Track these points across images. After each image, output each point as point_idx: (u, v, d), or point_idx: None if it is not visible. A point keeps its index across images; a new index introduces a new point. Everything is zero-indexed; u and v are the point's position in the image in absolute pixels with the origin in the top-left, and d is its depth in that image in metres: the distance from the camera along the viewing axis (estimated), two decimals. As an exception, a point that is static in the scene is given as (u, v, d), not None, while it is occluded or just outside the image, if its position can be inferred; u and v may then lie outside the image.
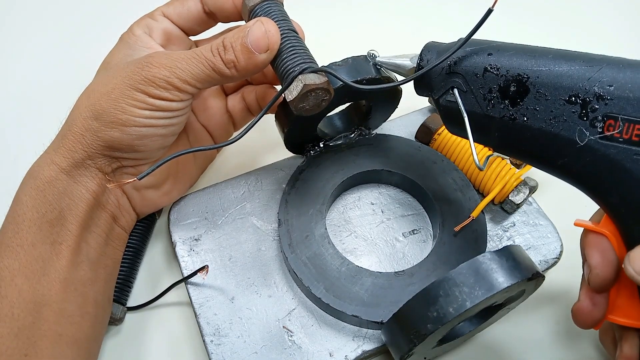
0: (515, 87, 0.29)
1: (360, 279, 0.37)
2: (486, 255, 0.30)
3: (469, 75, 0.31)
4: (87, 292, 0.33)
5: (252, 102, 0.42)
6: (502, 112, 0.30)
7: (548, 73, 0.29)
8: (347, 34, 0.56)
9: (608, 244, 0.29)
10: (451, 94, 0.32)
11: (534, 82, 0.29)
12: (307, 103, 0.33)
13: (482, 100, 0.31)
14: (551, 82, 0.28)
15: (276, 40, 0.33)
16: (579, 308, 0.30)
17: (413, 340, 0.30)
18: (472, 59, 0.31)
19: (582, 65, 0.28)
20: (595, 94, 0.27)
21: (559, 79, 0.28)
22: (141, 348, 0.39)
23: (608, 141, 0.27)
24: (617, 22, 0.59)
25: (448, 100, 0.32)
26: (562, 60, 0.29)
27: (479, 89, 0.31)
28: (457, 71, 0.32)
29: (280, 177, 0.44)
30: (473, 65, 0.31)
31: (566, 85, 0.28)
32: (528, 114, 0.29)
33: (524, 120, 0.29)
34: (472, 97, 0.31)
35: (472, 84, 0.31)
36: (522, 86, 0.29)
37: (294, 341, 0.36)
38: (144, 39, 0.37)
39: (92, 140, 0.33)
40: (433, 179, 0.41)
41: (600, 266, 0.29)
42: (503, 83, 0.30)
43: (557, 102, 0.28)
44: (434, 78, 0.33)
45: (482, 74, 0.31)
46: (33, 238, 0.31)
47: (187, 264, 0.39)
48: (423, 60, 0.33)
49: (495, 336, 0.39)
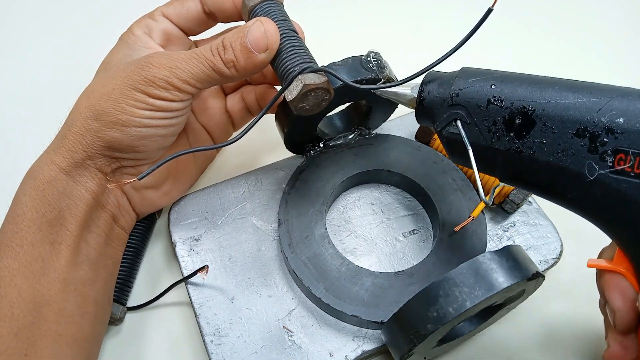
0: (520, 119, 0.28)
1: (360, 279, 0.37)
2: (486, 255, 0.30)
3: (472, 107, 0.30)
4: (87, 292, 0.33)
5: (251, 102, 0.42)
6: (507, 144, 0.29)
7: (554, 105, 0.27)
8: (347, 34, 0.56)
9: (626, 282, 0.28)
10: (454, 125, 0.31)
11: (539, 114, 0.28)
12: (307, 103, 0.33)
13: (486, 132, 0.30)
14: (558, 114, 0.27)
15: (275, 40, 0.33)
16: (611, 355, 0.29)
17: (413, 340, 0.30)
18: (474, 90, 0.30)
19: (590, 96, 0.27)
20: (604, 127, 0.26)
21: (566, 112, 0.27)
22: (141, 348, 0.39)
23: (619, 175, 0.26)
24: (617, 21, 0.59)
25: (451, 132, 0.31)
26: (568, 91, 0.28)
27: (482, 121, 0.30)
28: (459, 103, 0.30)
29: (280, 177, 0.44)
30: (476, 97, 0.30)
31: (574, 118, 0.27)
32: (535, 147, 0.28)
33: (531, 153, 0.28)
34: (476, 129, 0.30)
35: (475, 116, 0.30)
36: (528, 119, 0.28)
37: (294, 341, 0.36)
38: (143, 39, 0.37)
39: (92, 141, 0.33)
40: (433, 179, 0.41)
41: (624, 308, 0.27)
42: (508, 115, 0.29)
43: (564, 135, 0.27)
44: (436, 109, 0.32)
45: (486, 106, 0.29)
46: (32, 238, 0.31)
47: (187, 264, 0.39)
48: (424, 91, 0.32)
49: (495, 336, 0.39)
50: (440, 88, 0.32)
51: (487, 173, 0.32)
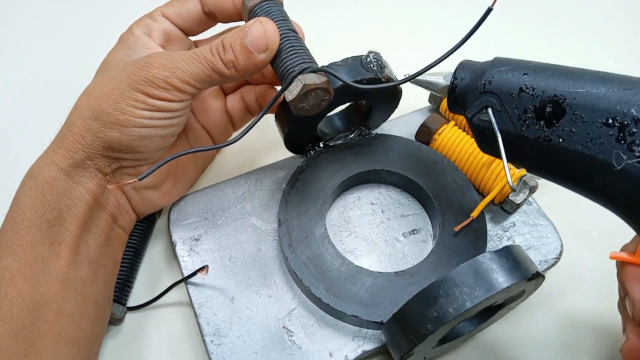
0: (551, 108, 0.29)
1: (360, 279, 0.37)
2: (486, 255, 0.30)
3: (504, 94, 0.30)
4: (87, 292, 0.33)
5: (251, 102, 0.42)
6: (536, 132, 0.29)
7: (585, 95, 0.28)
8: (347, 34, 0.56)
9: None
10: (485, 113, 0.31)
11: (570, 103, 0.28)
12: (307, 103, 0.33)
13: (516, 120, 0.30)
14: (588, 104, 0.28)
15: (275, 40, 0.33)
16: (630, 348, 0.28)
17: (413, 340, 0.30)
18: (507, 78, 0.31)
19: (620, 87, 0.27)
20: (633, 118, 0.27)
21: (596, 101, 0.28)
22: (141, 348, 0.39)
23: None
24: (617, 20, 0.59)
25: (481, 119, 0.32)
26: (599, 82, 0.28)
27: (513, 108, 0.30)
28: (491, 90, 0.31)
29: (280, 177, 0.44)
30: (508, 85, 0.30)
31: (603, 107, 0.27)
32: (564, 136, 0.29)
33: (560, 141, 0.29)
34: (507, 116, 0.30)
35: (506, 104, 0.30)
36: (559, 107, 0.29)
37: (294, 341, 0.36)
38: (143, 39, 0.37)
39: (92, 141, 0.33)
40: (433, 179, 0.41)
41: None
42: (539, 104, 0.29)
43: (594, 124, 0.28)
44: (467, 97, 0.32)
45: (517, 93, 0.30)
46: (32, 238, 0.31)
47: (187, 264, 0.39)
48: (457, 78, 0.33)
49: (495, 336, 0.39)
50: (473, 76, 0.32)
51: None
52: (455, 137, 0.43)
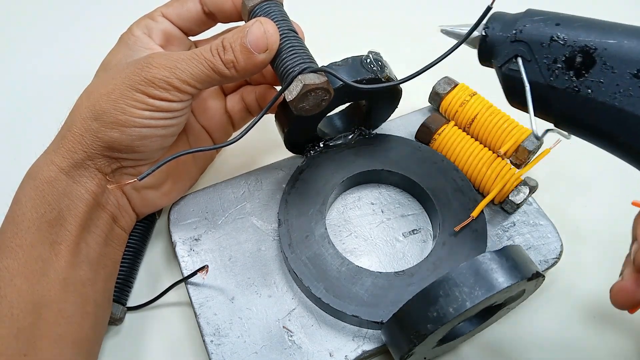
0: (581, 58, 0.29)
1: (360, 279, 0.37)
2: (486, 255, 0.30)
3: (535, 43, 0.30)
4: (87, 293, 0.33)
5: (251, 102, 0.42)
6: (565, 83, 0.29)
7: (616, 46, 0.28)
8: (347, 34, 0.56)
9: None
10: (514, 62, 0.31)
11: (601, 54, 0.28)
12: (307, 103, 0.33)
13: (545, 70, 0.30)
14: (619, 55, 0.28)
15: (275, 40, 0.33)
16: (621, 287, 0.28)
17: (413, 340, 0.30)
18: (538, 27, 0.30)
19: None
20: None
21: (627, 53, 0.27)
22: (141, 348, 0.39)
23: None
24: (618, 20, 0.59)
25: (511, 69, 0.31)
26: (632, 34, 0.28)
27: (543, 58, 0.30)
28: (522, 39, 0.31)
29: (280, 177, 0.44)
30: (539, 34, 0.30)
31: (634, 59, 0.27)
32: (592, 87, 0.28)
33: (588, 92, 0.29)
34: (536, 66, 0.30)
35: (536, 53, 0.30)
36: (589, 57, 0.28)
37: (294, 341, 0.36)
38: (143, 39, 0.37)
39: (92, 141, 0.33)
40: (433, 179, 0.41)
41: None
42: (569, 53, 0.29)
43: (623, 75, 0.27)
44: (497, 45, 0.32)
45: (548, 43, 0.30)
46: (32, 238, 0.31)
47: (187, 264, 0.39)
48: (488, 27, 0.32)
49: (495, 336, 0.39)
50: (505, 26, 0.32)
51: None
52: (455, 137, 0.43)
